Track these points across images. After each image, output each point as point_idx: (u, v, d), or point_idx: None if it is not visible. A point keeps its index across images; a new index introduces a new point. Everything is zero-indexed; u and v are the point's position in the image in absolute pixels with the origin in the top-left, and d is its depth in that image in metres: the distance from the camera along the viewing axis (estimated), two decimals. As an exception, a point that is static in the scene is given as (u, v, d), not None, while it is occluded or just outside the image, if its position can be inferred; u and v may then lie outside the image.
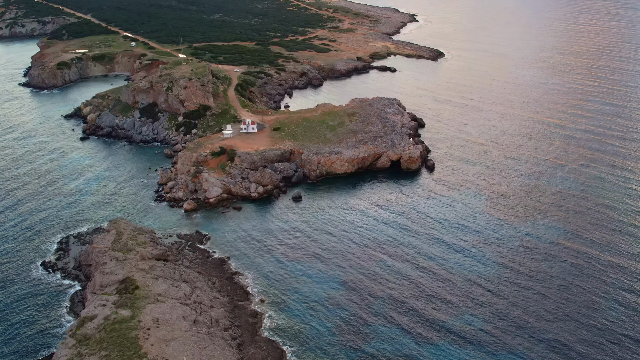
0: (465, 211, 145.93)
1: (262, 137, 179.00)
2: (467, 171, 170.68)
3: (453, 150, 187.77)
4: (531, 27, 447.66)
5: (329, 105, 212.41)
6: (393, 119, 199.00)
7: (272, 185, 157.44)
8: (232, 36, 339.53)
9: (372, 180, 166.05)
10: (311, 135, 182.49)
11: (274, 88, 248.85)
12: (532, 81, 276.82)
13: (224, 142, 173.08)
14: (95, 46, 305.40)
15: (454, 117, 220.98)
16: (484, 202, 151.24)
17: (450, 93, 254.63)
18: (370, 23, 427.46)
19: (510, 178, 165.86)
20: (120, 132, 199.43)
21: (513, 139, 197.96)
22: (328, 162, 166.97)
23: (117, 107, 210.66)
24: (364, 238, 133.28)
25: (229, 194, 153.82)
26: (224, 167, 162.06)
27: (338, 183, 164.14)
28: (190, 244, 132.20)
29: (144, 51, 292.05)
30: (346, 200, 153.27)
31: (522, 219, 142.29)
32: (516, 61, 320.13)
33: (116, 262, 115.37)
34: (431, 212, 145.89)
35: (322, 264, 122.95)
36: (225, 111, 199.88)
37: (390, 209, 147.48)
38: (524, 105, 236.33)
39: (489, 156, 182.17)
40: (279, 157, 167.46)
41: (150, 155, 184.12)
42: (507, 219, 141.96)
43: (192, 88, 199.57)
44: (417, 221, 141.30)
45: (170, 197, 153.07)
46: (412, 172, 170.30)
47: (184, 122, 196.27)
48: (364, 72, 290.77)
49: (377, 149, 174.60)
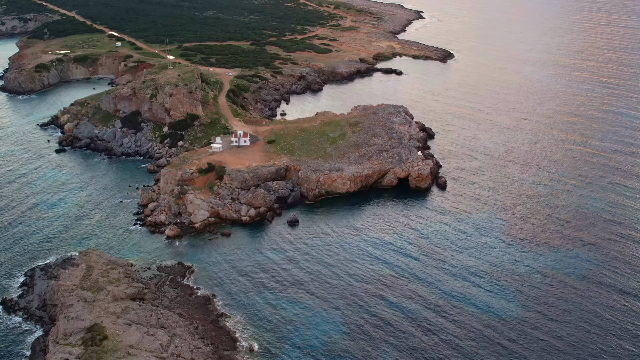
0: (482, 239, 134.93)
1: (254, 151, 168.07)
2: (482, 190, 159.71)
3: (466, 164, 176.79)
4: (547, 25, 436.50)
5: (329, 114, 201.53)
6: (400, 130, 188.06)
7: (265, 207, 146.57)
8: (226, 35, 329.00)
9: (377, 200, 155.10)
10: (309, 149, 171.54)
11: (269, 93, 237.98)
12: (550, 87, 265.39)
13: (212, 158, 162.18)
14: (78, 46, 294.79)
15: (466, 127, 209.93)
16: (502, 227, 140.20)
17: (461, 99, 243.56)
18: (373, 21, 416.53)
19: (529, 198, 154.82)
20: (99, 144, 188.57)
21: (531, 153, 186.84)
22: (328, 181, 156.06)
23: (96, 115, 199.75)
24: (368, 271, 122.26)
25: (216, 218, 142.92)
26: (212, 187, 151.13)
27: (339, 204, 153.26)
28: (172, 279, 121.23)
29: (130, 52, 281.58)
30: (348, 224, 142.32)
31: (545, 247, 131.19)
32: (531, 63, 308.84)
33: (84, 303, 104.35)
34: (443, 239, 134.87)
35: (320, 303, 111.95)
36: (215, 121, 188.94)
37: (396, 236, 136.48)
38: (542, 115, 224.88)
39: (506, 173, 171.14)
40: (273, 175, 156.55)
41: (132, 171, 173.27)
42: (529, 248, 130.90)
43: (178, 95, 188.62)
44: (427, 250, 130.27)
45: (151, 221, 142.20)
46: (421, 191, 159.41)
47: (169, 133, 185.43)
48: (367, 75, 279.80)
49: (383, 165, 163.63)
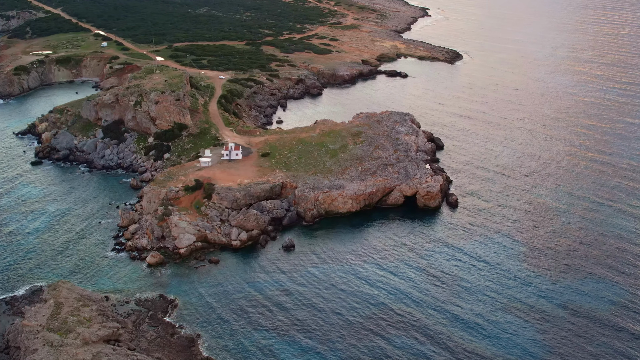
0: (498, 267, 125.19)
1: (247, 165, 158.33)
2: (496, 209, 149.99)
3: (478, 180, 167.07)
4: (560, 24, 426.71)
5: (329, 123, 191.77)
6: (406, 141, 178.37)
7: (258, 230, 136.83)
8: (220, 34, 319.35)
9: (382, 221, 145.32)
10: (307, 163, 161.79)
11: (265, 99, 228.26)
12: (565, 91, 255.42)
13: (200, 173, 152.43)
14: (61, 47, 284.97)
15: (477, 137, 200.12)
16: (520, 253, 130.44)
17: (471, 105, 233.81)
18: (376, 18, 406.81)
19: (549, 219, 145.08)
20: (79, 156, 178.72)
21: (547, 167, 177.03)
22: (327, 200, 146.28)
23: (76, 124, 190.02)
24: (370, 307, 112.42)
25: (204, 242, 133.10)
26: (199, 207, 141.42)
27: (339, 225, 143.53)
28: (152, 315, 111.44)
29: (117, 53, 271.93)
30: (349, 250, 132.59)
31: (569, 277, 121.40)
32: (544, 65, 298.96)
33: (50, 349, 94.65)
34: (455, 268, 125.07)
35: (317, 344, 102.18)
36: (205, 131, 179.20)
37: (403, 264, 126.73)
38: (557, 123, 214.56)
39: (521, 189, 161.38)
40: (267, 193, 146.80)
41: (113, 186, 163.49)
42: (551, 277, 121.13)
43: (165, 103, 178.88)
44: (436, 281, 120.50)
45: (131, 246, 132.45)
46: (430, 211, 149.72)
47: (154, 145, 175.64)
48: (370, 78, 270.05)
49: (388, 182, 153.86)
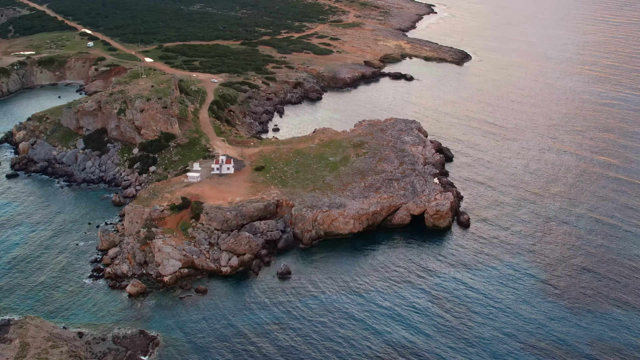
0: (515, 297, 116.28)
1: (239, 181, 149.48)
2: (512, 229, 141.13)
3: (491, 196, 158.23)
4: (574, 22, 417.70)
5: (329, 132, 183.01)
6: (412, 152, 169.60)
7: (251, 255, 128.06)
8: (213, 33, 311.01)
9: (386, 244, 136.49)
10: (305, 177, 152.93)
11: (260, 104, 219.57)
12: (581, 97, 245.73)
13: (188, 190, 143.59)
14: (45, 47, 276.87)
15: (488, 146, 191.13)
16: (539, 282, 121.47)
17: (481, 111, 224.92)
18: (379, 15, 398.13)
19: (569, 243, 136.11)
20: (58, 168, 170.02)
21: (566, 182, 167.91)
22: (327, 220, 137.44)
23: (56, 133, 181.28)
24: (373, 345, 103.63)
25: (191, 269, 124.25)
26: (186, 229, 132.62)
27: (340, 248, 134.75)
28: (131, 355, 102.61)
29: (103, 53, 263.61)
30: (350, 276, 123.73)
31: (595, 311, 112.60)
32: (559, 68, 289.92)
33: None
34: (467, 299, 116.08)
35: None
36: (195, 141, 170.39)
37: (410, 294, 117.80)
38: (573, 132, 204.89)
39: (539, 207, 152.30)
40: (261, 212, 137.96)
41: (94, 203, 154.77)
42: (574, 309, 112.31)
43: (151, 111, 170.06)
44: (448, 315, 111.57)
45: (111, 273, 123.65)
46: (439, 231, 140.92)
47: (139, 156, 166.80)
48: (373, 81, 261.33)
49: (394, 199, 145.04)
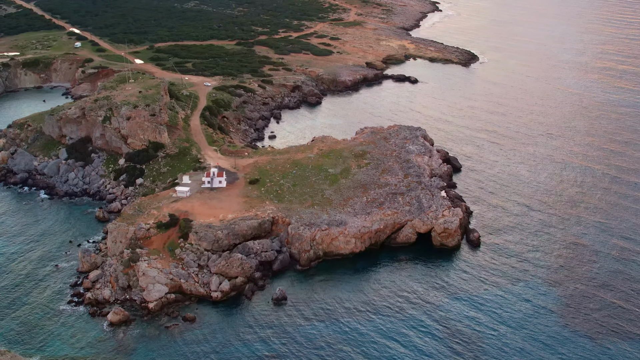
0: (531, 327, 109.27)
1: (232, 196, 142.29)
2: (526, 249, 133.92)
3: (502, 210, 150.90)
4: (588, 21, 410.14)
5: (328, 140, 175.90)
6: (418, 162, 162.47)
7: (244, 278, 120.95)
8: (208, 33, 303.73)
9: (390, 265, 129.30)
10: (303, 191, 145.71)
11: (256, 109, 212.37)
12: (599, 101, 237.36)
13: (176, 206, 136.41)
14: (30, 47, 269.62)
15: (498, 155, 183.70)
16: (556, 311, 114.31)
17: (490, 117, 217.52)
18: (382, 14, 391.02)
19: (588, 265, 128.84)
20: (39, 180, 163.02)
21: (582, 194, 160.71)
22: (327, 239, 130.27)
23: (38, 142, 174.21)
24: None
25: (178, 294, 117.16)
26: (174, 249, 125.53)
27: (341, 270, 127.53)
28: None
29: (91, 55, 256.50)
30: (352, 302, 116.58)
31: (616, 345, 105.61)
32: (573, 69, 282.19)
33: None
34: (477, 327, 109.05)
35: None
36: (185, 151, 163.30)
37: (416, 323, 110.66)
38: (589, 141, 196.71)
39: (553, 224, 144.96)
40: (255, 231, 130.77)
41: (77, 218, 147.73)
42: (594, 344, 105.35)
43: (138, 119, 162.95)
44: (456, 345, 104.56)
45: (91, 299, 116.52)
46: (448, 251, 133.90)
47: (126, 167, 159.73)
48: (375, 84, 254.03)
49: (398, 216, 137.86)
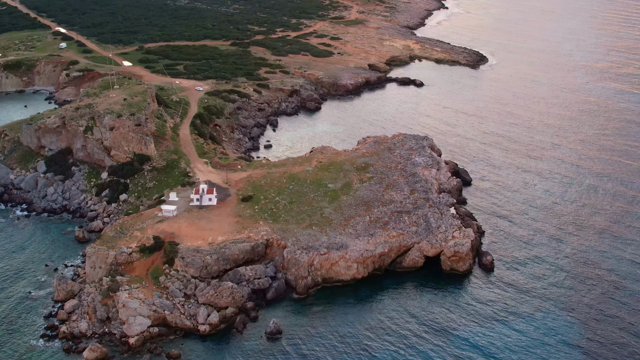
0: None
1: (222, 215, 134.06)
2: (543, 273, 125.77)
3: (517, 230, 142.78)
4: (602, 21, 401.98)
5: (328, 151, 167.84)
6: (425, 176, 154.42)
7: (234, 308, 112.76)
8: (201, 32, 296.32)
9: (396, 292, 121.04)
10: (300, 210, 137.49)
11: (251, 115, 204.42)
12: (617, 108, 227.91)
13: (161, 227, 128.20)
14: (12, 48, 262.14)
15: (510, 167, 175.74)
16: (577, 343, 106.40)
17: (501, 124, 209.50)
18: (385, 11, 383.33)
19: (610, 291, 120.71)
20: (15, 195, 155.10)
21: (603, 212, 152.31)
22: (326, 264, 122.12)
23: (15, 153, 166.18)
24: None
25: (162, 327, 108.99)
26: (158, 277, 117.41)
27: (341, 298, 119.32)
28: None
29: (77, 56, 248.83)
30: (353, 334, 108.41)
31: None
32: (588, 71, 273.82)
33: None
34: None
35: None
36: (173, 164, 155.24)
37: (424, 358, 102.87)
38: (606, 151, 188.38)
39: (572, 244, 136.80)
40: (247, 255, 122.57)
41: (55, 238, 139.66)
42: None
43: (122, 129, 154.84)
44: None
45: (66, 332, 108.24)
46: (458, 276, 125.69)
47: (108, 182, 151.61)
48: (378, 88, 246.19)
49: (404, 238, 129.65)
